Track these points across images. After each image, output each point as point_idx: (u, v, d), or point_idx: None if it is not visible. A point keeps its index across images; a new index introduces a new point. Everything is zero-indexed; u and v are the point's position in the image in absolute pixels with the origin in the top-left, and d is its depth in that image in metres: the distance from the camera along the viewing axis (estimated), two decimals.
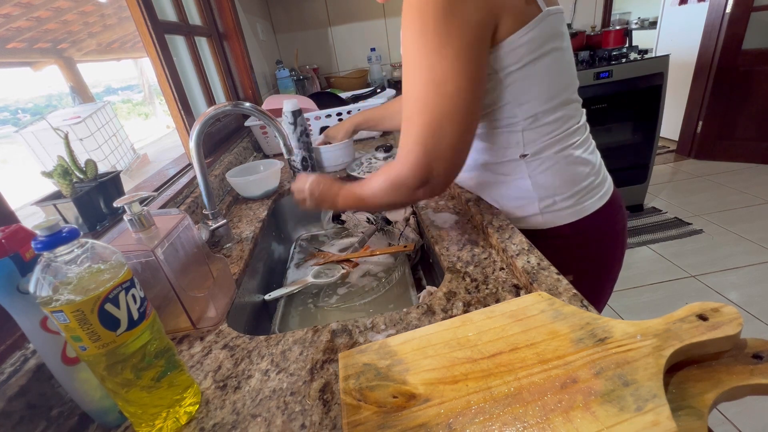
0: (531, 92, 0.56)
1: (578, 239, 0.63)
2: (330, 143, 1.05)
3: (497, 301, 0.49)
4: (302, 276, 0.81)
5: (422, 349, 0.39)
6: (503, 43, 0.51)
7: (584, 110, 0.64)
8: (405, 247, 0.77)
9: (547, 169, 0.60)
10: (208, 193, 0.71)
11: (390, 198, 0.57)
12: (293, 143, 0.96)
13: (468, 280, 0.53)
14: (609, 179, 0.66)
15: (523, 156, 0.60)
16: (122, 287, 0.33)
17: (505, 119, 0.58)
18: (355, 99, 1.48)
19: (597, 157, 0.65)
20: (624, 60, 2.02)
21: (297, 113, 0.94)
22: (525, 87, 0.55)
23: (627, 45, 2.58)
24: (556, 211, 0.61)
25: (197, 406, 0.41)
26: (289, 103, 0.94)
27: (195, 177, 0.87)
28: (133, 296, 0.34)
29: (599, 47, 2.50)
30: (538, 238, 0.62)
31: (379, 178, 0.57)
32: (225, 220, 0.75)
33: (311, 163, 1.02)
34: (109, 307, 0.32)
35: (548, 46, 0.54)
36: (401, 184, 0.53)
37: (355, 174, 1.01)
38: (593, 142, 0.65)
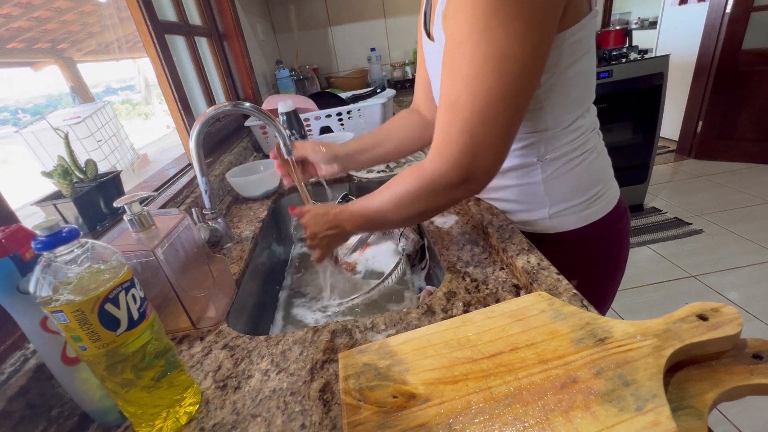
0: (566, 97, 0.53)
1: (584, 244, 0.62)
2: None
3: (497, 301, 0.49)
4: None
5: (422, 349, 0.39)
6: (556, 37, 0.46)
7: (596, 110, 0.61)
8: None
9: (562, 174, 0.58)
10: (208, 193, 0.71)
11: (423, 204, 0.50)
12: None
13: (468, 280, 0.53)
14: (615, 184, 0.64)
15: (541, 161, 0.57)
16: (122, 287, 0.33)
17: (531, 123, 0.55)
18: (355, 99, 1.48)
19: (608, 162, 0.63)
20: (624, 60, 2.02)
21: (288, 115, 0.94)
22: (562, 91, 0.52)
23: (627, 45, 2.58)
24: (565, 216, 0.60)
25: (197, 406, 0.41)
26: (283, 104, 0.93)
27: (195, 177, 0.87)
28: (133, 296, 0.34)
29: (599, 47, 2.51)
30: (544, 241, 0.61)
31: (405, 182, 0.50)
32: (225, 220, 0.75)
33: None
34: (109, 307, 0.32)
35: (587, 47, 0.51)
36: (439, 183, 0.46)
37: (355, 174, 1.01)
38: (604, 147, 0.63)
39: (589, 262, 0.64)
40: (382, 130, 0.78)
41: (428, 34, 0.62)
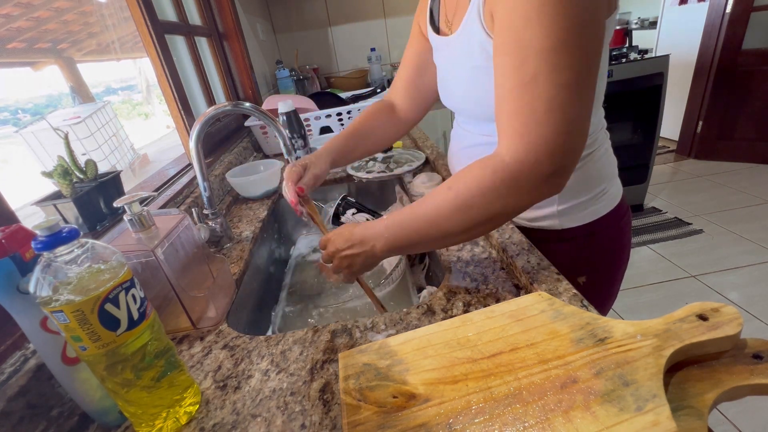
0: None
1: (589, 240, 0.62)
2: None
3: (497, 301, 0.49)
4: None
5: (422, 349, 0.39)
6: None
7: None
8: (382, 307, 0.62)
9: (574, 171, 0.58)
10: (208, 193, 0.71)
11: (499, 204, 0.41)
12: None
13: (468, 280, 0.53)
14: (618, 181, 0.65)
15: None
16: (122, 287, 0.33)
17: None
18: (355, 99, 1.48)
19: (614, 159, 0.63)
20: (624, 60, 2.02)
21: (288, 115, 0.94)
22: None
23: (627, 45, 2.59)
24: (572, 212, 0.60)
25: (197, 406, 0.41)
26: (283, 104, 0.93)
27: (195, 177, 0.87)
28: (133, 296, 0.34)
29: None
30: (551, 239, 0.61)
31: (474, 178, 0.42)
32: (225, 220, 0.75)
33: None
34: (109, 307, 0.32)
35: (606, 44, 0.50)
36: (527, 174, 0.39)
37: (355, 174, 1.01)
38: (610, 145, 0.63)
39: (594, 258, 0.65)
40: (359, 129, 0.73)
41: (436, 29, 0.61)
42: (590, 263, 0.64)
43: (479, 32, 0.49)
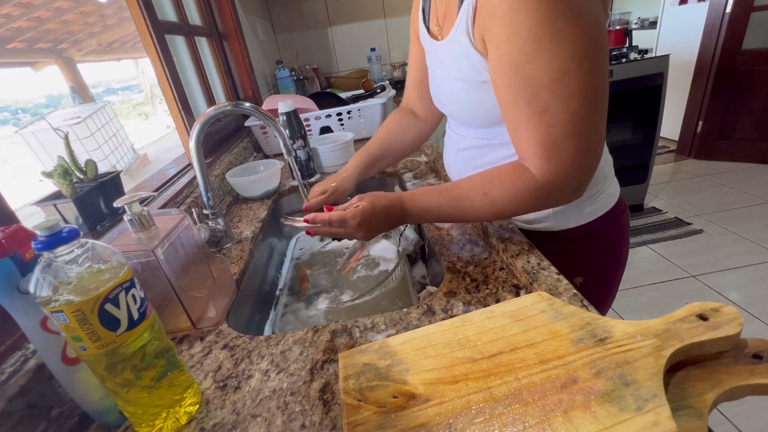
0: None
1: (587, 240, 0.63)
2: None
3: (497, 301, 0.49)
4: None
5: (422, 349, 0.39)
6: None
7: None
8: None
9: None
10: (208, 193, 0.71)
11: (529, 209, 0.50)
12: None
13: (468, 280, 0.53)
14: (615, 181, 0.65)
15: None
16: (122, 287, 0.33)
17: None
18: (355, 99, 1.48)
19: (609, 160, 0.63)
20: (624, 60, 2.02)
21: (288, 115, 0.94)
22: None
23: (627, 45, 2.58)
24: (568, 213, 0.60)
25: (197, 406, 0.41)
26: (283, 104, 0.94)
27: (195, 177, 0.87)
28: (133, 296, 0.34)
29: None
30: (548, 240, 0.61)
31: (512, 191, 0.48)
32: (224, 220, 0.75)
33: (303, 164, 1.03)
34: (109, 307, 0.32)
35: None
36: (557, 190, 0.45)
37: None
38: (606, 146, 0.63)
39: (593, 259, 0.65)
40: (383, 140, 0.78)
41: (429, 32, 0.62)
42: (587, 264, 0.64)
43: (468, 47, 0.49)
